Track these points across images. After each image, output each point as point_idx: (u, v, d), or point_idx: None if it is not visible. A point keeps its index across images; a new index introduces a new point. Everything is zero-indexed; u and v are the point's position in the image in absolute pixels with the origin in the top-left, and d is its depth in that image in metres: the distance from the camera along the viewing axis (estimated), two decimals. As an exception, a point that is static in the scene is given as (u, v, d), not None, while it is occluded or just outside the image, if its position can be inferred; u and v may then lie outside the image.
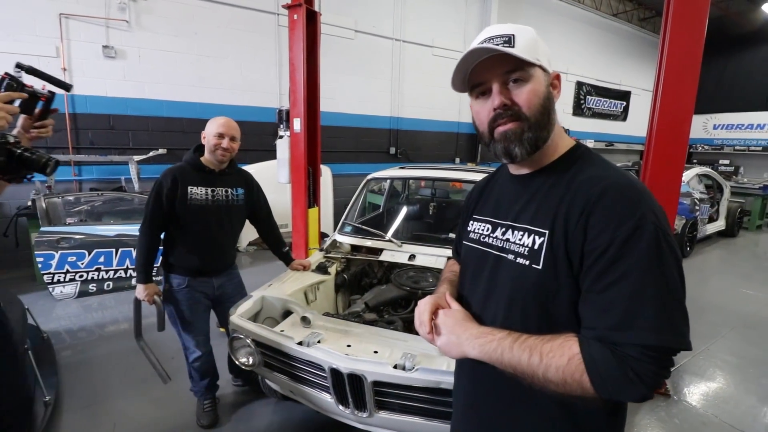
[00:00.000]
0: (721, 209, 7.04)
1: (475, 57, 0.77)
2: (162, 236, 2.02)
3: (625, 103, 11.31)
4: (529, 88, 0.77)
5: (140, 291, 1.97)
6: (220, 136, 1.95)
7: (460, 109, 8.16)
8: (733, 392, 2.63)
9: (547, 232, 0.75)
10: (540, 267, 0.75)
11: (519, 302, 0.79)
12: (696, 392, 2.61)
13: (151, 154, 4.93)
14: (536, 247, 0.76)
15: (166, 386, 2.24)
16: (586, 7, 9.70)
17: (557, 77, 0.82)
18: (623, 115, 11.39)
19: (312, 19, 3.27)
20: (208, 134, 1.97)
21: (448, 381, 1.32)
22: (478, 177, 2.84)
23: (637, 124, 11.31)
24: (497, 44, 0.75)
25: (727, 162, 10.40)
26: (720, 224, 7.03)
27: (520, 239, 0.80)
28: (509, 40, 0.74)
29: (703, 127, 11.81)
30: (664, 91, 2.18)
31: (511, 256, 0.81)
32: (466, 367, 0.92)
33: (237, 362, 1.78)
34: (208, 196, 1.99)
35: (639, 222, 0.66)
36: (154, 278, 2.00)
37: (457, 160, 8.34)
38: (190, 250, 2.01)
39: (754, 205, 8.03)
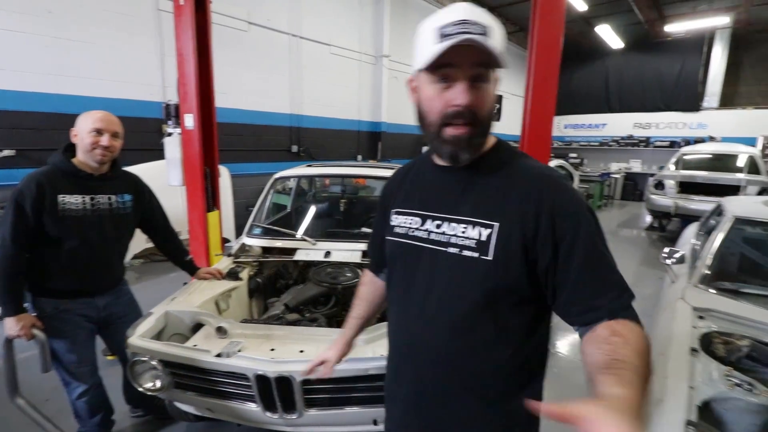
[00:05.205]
0: (574, 194, 8.58)
1: (453, 40, 0.69)
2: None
3: (498, 105, 12.81)
4: (487, 90, 0.76)
5: (11, 326, 1.60)
6: (98, 132, 1.67)
7: (359, 108, 8.34)
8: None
9: (496, 224, 0.77)
10: (490, 258, 0.77)
11: (467, 293, 0.80)
12: (565, 343, 3.22)
13: (-9, 156, 3.98)
14: (484, 238, 0.78)
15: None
16: (465, 18, 10.77)
17: (497, 78, 0.79)
18: (497, 116, 12.85)
19: (201, 6, 3.01)
20: (81, 131, 1.67)
21: (375, 365, 1.40)
22: (389, 173, 3.02)
23: (508, 123, 13.02)
24: (475, 32, 0.69)
25: (575, 155, 12.57)
26: (574, 207, 8.58)
27: (463, 232, 0.80)
28: (485, 33, 0.70)
29: (557, 126, 14.15)
30: (534, 96, 2.62)
31: (453, 249, 0.81)
32: (409, 365, 0.92)
33: (141, 389, 1.59)
34: (87, 205, 1.71)
35: (587, 208, 0.78)
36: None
37: (359, 157, 8.52)
38: (66, 269, 1.69)
39: (596, 189, 9.95)
